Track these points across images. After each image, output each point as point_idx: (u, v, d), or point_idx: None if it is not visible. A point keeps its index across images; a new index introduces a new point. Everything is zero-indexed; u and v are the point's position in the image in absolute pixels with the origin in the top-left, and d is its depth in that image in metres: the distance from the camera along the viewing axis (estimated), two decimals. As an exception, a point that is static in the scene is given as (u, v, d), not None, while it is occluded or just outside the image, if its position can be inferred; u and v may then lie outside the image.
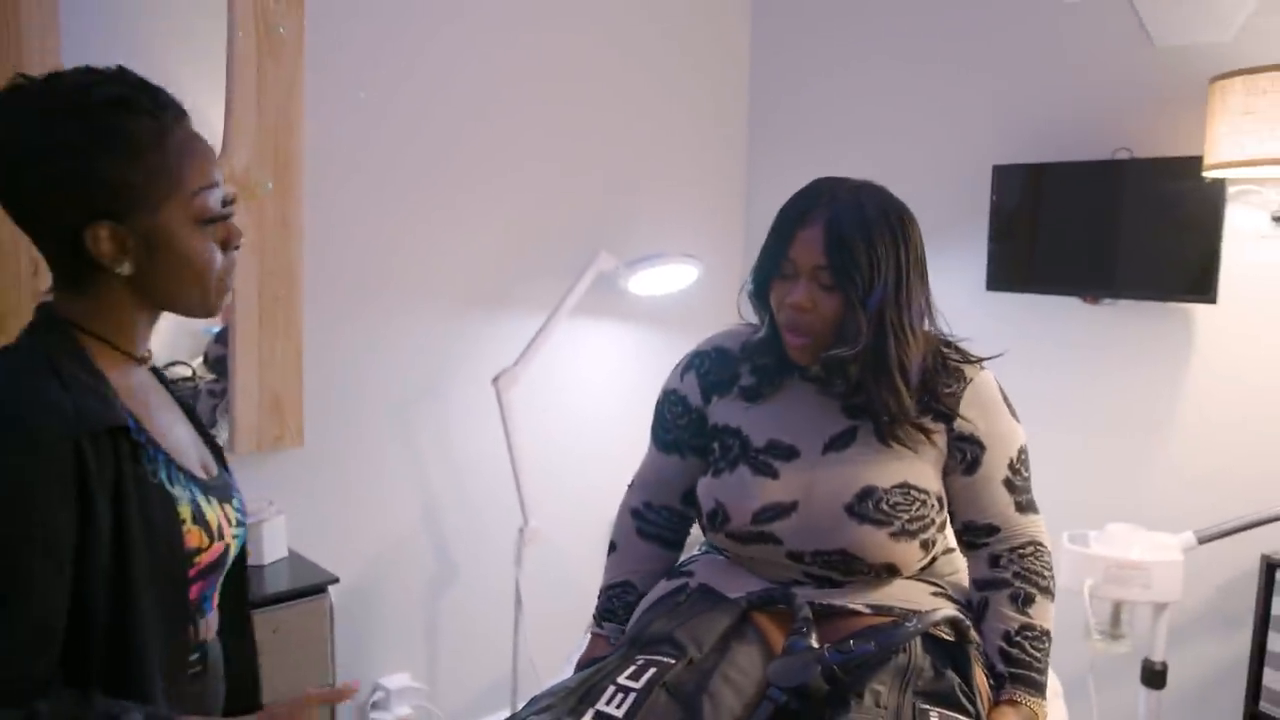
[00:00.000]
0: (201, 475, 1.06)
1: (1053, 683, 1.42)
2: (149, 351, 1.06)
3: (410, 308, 2.47)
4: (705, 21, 3.03)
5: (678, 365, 1.50)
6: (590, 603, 1.55)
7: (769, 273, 1.33)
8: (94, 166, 0.92)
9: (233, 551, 1.08)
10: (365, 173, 2.34)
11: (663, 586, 1.44)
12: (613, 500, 1.59)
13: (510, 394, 2.37)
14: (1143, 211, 2.25)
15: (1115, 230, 2.30)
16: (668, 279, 2.63)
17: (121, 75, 0.97)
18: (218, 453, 1.16)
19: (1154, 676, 2.05)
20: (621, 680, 1.18)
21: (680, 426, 1.47)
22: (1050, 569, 1.36)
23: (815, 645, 1.19)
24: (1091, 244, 2.34)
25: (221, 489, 1.09)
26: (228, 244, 1.03)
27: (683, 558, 1.55)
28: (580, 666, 1.41)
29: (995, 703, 1.28)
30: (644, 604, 1.45)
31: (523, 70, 2.60)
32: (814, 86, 3.02)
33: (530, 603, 2.48)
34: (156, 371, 1.12)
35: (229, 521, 1.06)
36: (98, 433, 0.91)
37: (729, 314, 1.50)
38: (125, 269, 0.96)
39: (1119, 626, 2.03)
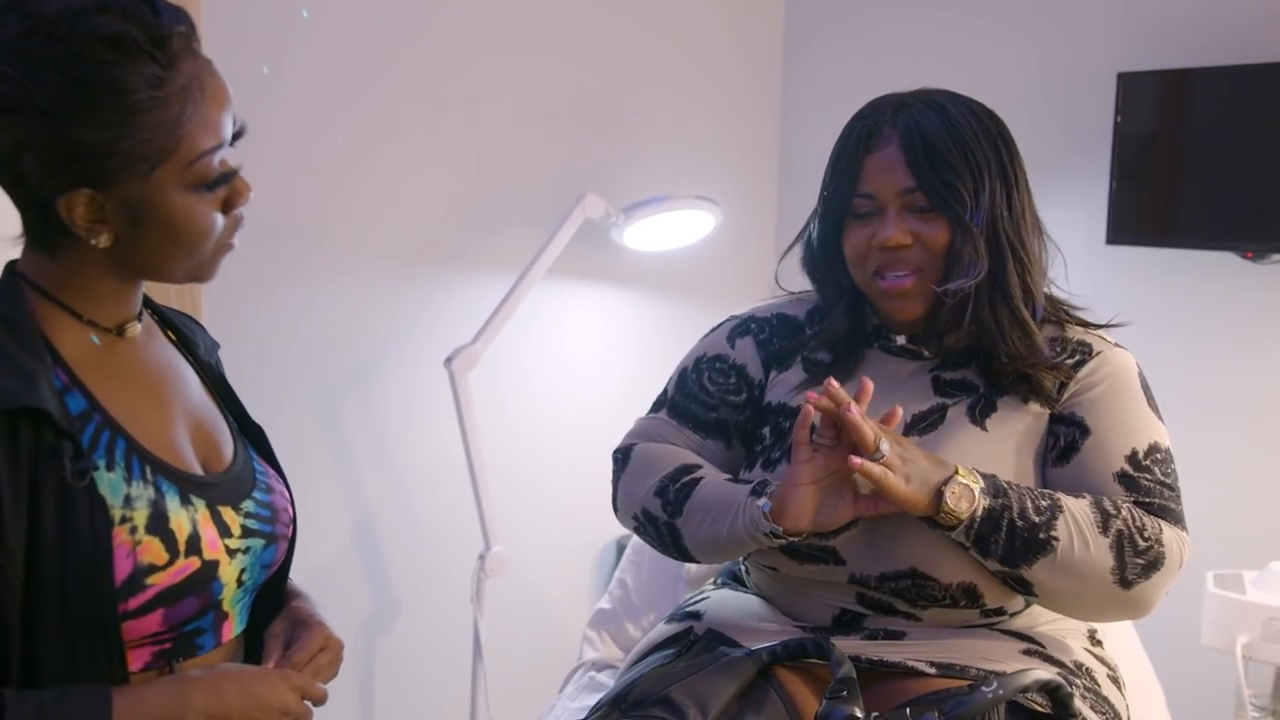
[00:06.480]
0: (193, 470, 1.10)
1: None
2: (133, 320, 1.11)
3: (339, 272, 2.45)
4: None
5: (717, 330, 1.50)
6: (572, 648, 1.51)
7: (837, 220, 1.33)
8: (75, 133, 0.96)
9: (229, 569, 1.08)
10: (281, 110, 2.31)
11: (660, 630, 1.44)
12: (601, 518, 1.55)
13: (468, 379, 2.35)
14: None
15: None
16: (676, 229, 2.61)
17: None
18: (254, 440, 1.23)
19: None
20: (599, 752, 1.16)
21: (730, 403, 1.46)
22: (1179, 558, 1.30)
23: (859, 714, 1.17)
24: (1254, 179, 2.25)
25: (225, 488, 1.12)
26: (231, 205, 1.09)
27: (691, 594, 1.55)
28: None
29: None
30: (634, 652, 1.46)
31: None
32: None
33: (492, 650, 2.47)
34: (181, 336, 1.21)
35: (223, 531, 1.08)
36: (6, 413, 0.94)
37: (760, 270, 1.46)
38: (102, 241, 1.01)
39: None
